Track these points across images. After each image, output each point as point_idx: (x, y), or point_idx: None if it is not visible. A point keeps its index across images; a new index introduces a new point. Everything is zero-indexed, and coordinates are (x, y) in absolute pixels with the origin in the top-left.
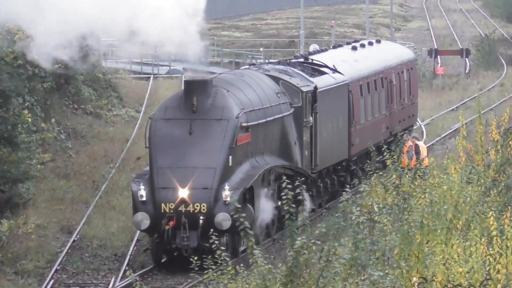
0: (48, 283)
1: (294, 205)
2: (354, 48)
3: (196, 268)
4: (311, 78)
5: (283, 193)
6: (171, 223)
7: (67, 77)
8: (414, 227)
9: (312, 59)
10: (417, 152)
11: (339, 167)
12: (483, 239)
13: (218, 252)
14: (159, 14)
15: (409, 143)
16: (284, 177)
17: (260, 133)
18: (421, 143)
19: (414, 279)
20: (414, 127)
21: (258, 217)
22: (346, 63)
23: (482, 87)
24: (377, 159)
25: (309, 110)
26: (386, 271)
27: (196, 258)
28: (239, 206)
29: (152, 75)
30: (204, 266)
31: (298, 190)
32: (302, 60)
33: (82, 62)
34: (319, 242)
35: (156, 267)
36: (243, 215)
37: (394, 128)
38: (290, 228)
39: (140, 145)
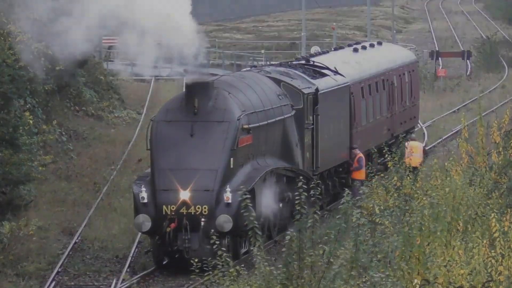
0: (49, 285)
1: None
2: (356, 50)
3: (197, 270)
4: (312, 80)
5: (296, 193)
6: (173, 225)
7: (68, 78)
8: (415, 228)
9: (314, 61)
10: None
11: (341, 169)
12: (484, 241)
13: (219, 253)
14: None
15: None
16: (301, 177)
17: (262, 135)
18: (414, 143)
19: (416, 281)
20: (416, 129)
21: (260, 219)
22: (348, 65)
23: (483, 89)
24: (379, 161)
25: (310, 112)
26: (387, 273)
27: (197, 260)
28: (250, 204)
29: (153, 77)
30: (205, 268)
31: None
32: (303, 62)
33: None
34: (321, 245)
35: (158, 269)
36: (254, 214)
37: (395, 130)
38: (299, 226)
39: (142, 147)
